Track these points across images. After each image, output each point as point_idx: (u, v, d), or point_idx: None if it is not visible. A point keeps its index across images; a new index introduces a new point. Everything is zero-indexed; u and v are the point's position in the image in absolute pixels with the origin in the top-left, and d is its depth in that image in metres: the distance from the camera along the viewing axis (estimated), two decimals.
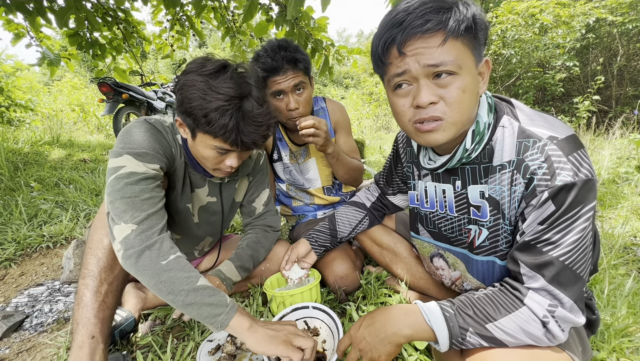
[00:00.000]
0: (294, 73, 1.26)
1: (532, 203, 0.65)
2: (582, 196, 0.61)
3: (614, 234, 1.76)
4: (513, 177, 0.69)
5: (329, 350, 0.93)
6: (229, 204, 1.21)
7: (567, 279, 0.63)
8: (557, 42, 5.58)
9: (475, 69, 0.67)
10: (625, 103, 6.25)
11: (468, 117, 0.69)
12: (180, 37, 3.58)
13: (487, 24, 0.67)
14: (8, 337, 1.16)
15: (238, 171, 1.17)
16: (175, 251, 0.81)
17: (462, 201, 0.82)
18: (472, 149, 0.74)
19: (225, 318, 0.79)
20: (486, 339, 0.66)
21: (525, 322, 0.64)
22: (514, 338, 0.64)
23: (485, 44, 0.69)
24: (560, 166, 0.61)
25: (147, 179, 0.85)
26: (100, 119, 7.13)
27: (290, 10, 1.54)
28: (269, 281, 1.23)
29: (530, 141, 0.66)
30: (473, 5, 0.65)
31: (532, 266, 0.65)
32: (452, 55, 0.63)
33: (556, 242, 0.63)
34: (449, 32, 0.62)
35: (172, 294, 0.77)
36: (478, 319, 0.67)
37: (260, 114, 0.88)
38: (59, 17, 2.28)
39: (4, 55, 5.86)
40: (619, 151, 3.48)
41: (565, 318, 0.63)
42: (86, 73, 12.92)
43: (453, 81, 0.65)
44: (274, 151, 1.53)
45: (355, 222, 1.23)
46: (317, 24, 2.71)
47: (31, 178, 2.71)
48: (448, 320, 0.68)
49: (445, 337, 0.67)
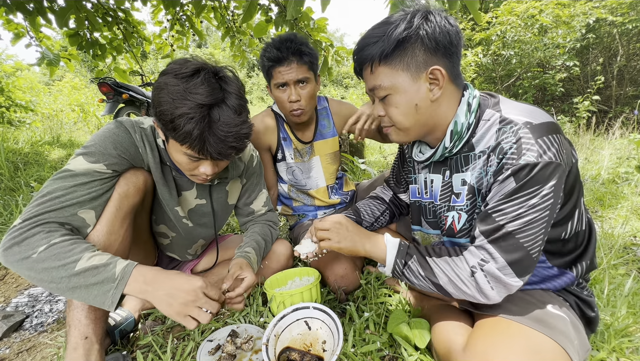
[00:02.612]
0: (298, 66, 1.26)
1: (498, 179, 0.71)
2: (542, 176, 0.65)
3: (614, 234, 1.76)
4: (489, 158, 0.75)
5: (329, 350, 0.93)
6: (221, 206, 1.19)
7: (508, 244, 0.69)
8: (557, 42, 5.58)
9: (415, 83, 0.77)
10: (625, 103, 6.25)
11: (422, 123, 0.81)
12: (180, 37, 3.58)
13: (433, 31, 0.73)
14: (8, 337, 1.16)
15: (227, 173, 1.14)
16: (49, 240, 0.73)
17: (447, 189, 0.89)
18: (453, 146, 0.82)
19: (115, 293, 0.74)
20: (424, 269, 0.79)
21: (457, 266, 0.75)
22: (444, 275, 0.76)
23: (436, 48, 0.74)
24: (528, 147, 0.66)
25: (75, 176, 0.81)
26: (101, 119, 7.13)
27: (289, 11, 1.54)
28: (269, 280, 1.23)
29: (507, 127, 0.72)
30: (404, 22, 0.74)
31: (482, 231, 0.73)
32: (379, 80, 0.79)
33: (507, 212, 0.69)
34: (372, 62, 0.79)
35: (54, 282, 0.73)
36: (424, 252, 0.82)
37: (229, 125, 0.82)
38: (59, 17, 2.29)
39: (4, 55, 5.86)
40: (618, 151, 3.48)
41: (493, 274, 0.70)
42: (86, 73, 12.92)
43: (390, 100, 0.80)
44: (278, 151, 1.53)
45: (378, 213, 1.22)
46: (317, 25, 2.72)
47: (31, 178, 2.71)
48: (400, 245, 0.85)
49: (392, 256, 0.83)
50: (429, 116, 0.80)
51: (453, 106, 0.80)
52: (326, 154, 1.56)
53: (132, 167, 0.94)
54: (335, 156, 1.59)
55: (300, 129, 1.51)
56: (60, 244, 0.74)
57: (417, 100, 0.78)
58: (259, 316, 1.16)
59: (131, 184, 0.92)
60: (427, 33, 0.73)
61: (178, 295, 0.77)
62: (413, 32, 0.73)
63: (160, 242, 1.20)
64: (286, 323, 0.97)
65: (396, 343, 0.99)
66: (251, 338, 1.01)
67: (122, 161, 0.89)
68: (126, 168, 0.92)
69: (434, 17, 0.75)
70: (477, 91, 0.83)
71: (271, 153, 1.55)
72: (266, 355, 0.85)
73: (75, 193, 0.80)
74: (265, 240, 1.21)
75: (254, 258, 1.10)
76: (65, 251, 0.74)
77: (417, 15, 0.75)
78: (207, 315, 0.79)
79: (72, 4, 2.32)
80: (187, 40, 3.66)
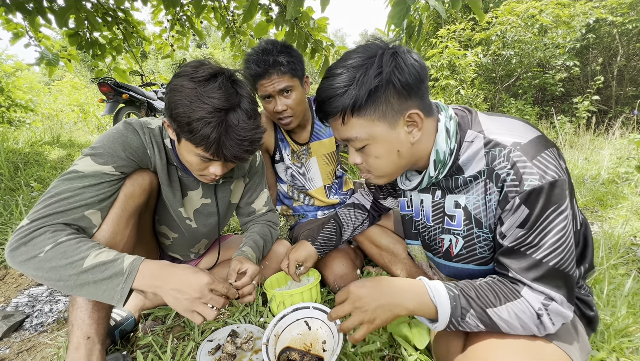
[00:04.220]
0: (278, 77, 1.25)
1: (507, 208, 0.68)
2: (553, 197, 0.63)
3: (614, 234, 1.76)
4: (487, 186, 0.72)
5: (329, 350, 0.93)
6: (224, 205, 1.20)
7: (554, 277, 0.65)
8: (557, 42, 5.58)
9: (394, 130, 0.73)
10: (625, 103, 6.25)
11: (403, 165, 0.79)
12: (180, 37, 3.58)
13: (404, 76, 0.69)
14: (8, 337, 1.16)
15: (233, 173, 1.15)
16: (56, 239, 0.74)
17: (439, 210, 0.86)
18: (438, 173, 0.79)
19: (124, 287, 0.75)
20: (484, 323, 0.68)
21: (522, 311, 0.66)
22: (508, 325, 0.67)
23: (409, 93, 0.71)
24: (526, 171, 0.64)
25: (84, 177, 0.81)
26: (100, 119, 7.13)
27: (289, 11, 1.54)
28: (269, 280, 1.23)
29: (496, 150, 0.70)
30: (372, 69, 0.69)
31: (518, 269, 0.68)
32: (354, 132, 0.74)
33: (537, 244, 0.65)
34: (343, 114, 0.72)
35: (62, 280, 0.73)
36: (480, 303, 0.69)
37: (245, 129, 0.84)
38: (58, 17, 2.28)
39: (4, 55, 5.86)
40: (618, 151, 3.48)
41: (557, 312, 0.65)
42: (86, 73, 12.92)
43: (369, 150, 0.76)
44: (275, 152, 1.53)
45: (358, 223, 1.24)
46: (317, 25, 2.72)
47: (31, 178, 2.71)
48: (452, 299, 0.69)
49: (446, 315, 0.69)
50: (410, 156, 0.78)
51: (431, 136, 0.78)
52: (323, 155, 1.56)
53: (139, 168, 0.94)
54: (332, 156, 1.59)
55: (296, 131, 1.51)
56: (66, 243, 0.75)
57: (398, 146, 0.75)
58: (259, 316, 1.16)
59: (137, 185, 0.93)
60: (400, 81, 0.69)
61: (185, 291, 0.77)
62: (384, 81, 0.69)
63: (162, 242, 1.20)
64: (286, 323, 0.97)
65: (396, 343, 0.99)
66: (251, 338, 1.01)
67: (131, 163, 0.90)
68: (133, 170, 0.93)
69: (402, 59, 0.70)
70: (451, 109, 0.80)
71: (269, 154, 1.55)
72: (266, 355, 0.85)
73: (83, 195, 0.81)
74: (264, 240, 1.21)
75: (252, 255, 1.10)
76: (72, 249, 0.74)
77: (385, 60, 0.69)
78: (213, 311, 0.80)
79: (72, 4, 2.32)
80: (187, 41, 3.66)
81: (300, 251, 1.16)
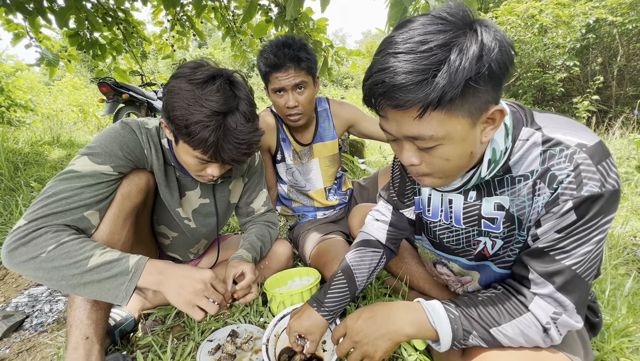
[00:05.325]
0: (295, 72, 1.26)
1: (553, 211, 0.62)
2: (606, 207, 0.58)
3: (614, 234, 1.76)
4: (535, 187, 0.65)
5: (329, 350, 0.93)
6: (223, 205, 1.20)
7: (575, 286, 0.62)
8: (557, 42, 5.59)
9: (473, 129, 0.59)
10: (625, 103, 6.25)
11: (463, 167, 0.65)
12: (180, 37, 3.58)
13: (503, 59, 0.54)
14: (8, 337, 1.16)
15: (231, 173, 1.15)
16: (58, 240, 0.74)
17: (473, 212, 0.76)
18: (488, 173, 0.69)
19: (129, 285, 0.75)
20: (487, 342, 0.66)
21: (528, 327, 0.63)
22: (512, 341, 0.65)
23: (500, 83, 0.56)
24: (589, 176, 0.57)
25: (82, 177, 0.81)
26: (100, 119, 7.13)
27: (289, 11, 1.54)
28: (269, 280, 1.23)
29: (556, 150, 0.61)
30: (473, 45, 0.51)
31: (542, 273, 0.64)
32: (429, 129, 0.57)
33: (570, 251, 0.61)
34: (425, 107, 0.53)
35: (64, 280, 0.73)
36: (482, 323, 0.66)
37: (243, 132, 0.84)
38: (59, 18, 2.29)
39: (4, 55, 5.87)
40: (619, 151, 3.48)
41: (566, 324, 0.63)
42: (86, 73, 12.93)
43: (439, 151, 0.60)
44: (277, 152, 1.53)
45: (374, 265, 1.00)
46: (316, 25, 2.72)
47: (31, 178, 2.71)
48: (452, 322, 0.67)
49: (448, 339, 0.66)
50: (469, 161, 0.65)
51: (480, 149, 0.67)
52: (325, 156, 1.56)
53: (136, 168, 0.94)
54: (334, 158, 1.59)
55: (299, 131, 1.51)
56: (69, 243, 0.75)
57: (473, 147, 0.62)
58: (259, 316, 1.16)
59: (133, 185, 0.92)
60: (499, 64, 0.53)
61: (188, 284, 0.78)
62: (484, 67, 0.52)
63: (161, 242, 1.20)
64: (286, 323, 0.97)
65: None
66: (251, 338, 1.01)
67: (128, 163, 0.90)
68: (131, 170, 0.92)
69: (500, 35, 0.54)
70: (505, 104, 0.69)
71: (271, 154, 1.55)
72: (266, 355, 0.85)
73: (82, 195, 0.81)
74: (262, 240, 1.21)
75: (247, 255, 1.10)
76: (76, 249, 0.74)
77: (485, 38, 0.52)
78: (215, 306, 0.80)
79: (72, 4, 2.32)
80: (188, 41, 3.66)
81: (303, 321, 0.89)
